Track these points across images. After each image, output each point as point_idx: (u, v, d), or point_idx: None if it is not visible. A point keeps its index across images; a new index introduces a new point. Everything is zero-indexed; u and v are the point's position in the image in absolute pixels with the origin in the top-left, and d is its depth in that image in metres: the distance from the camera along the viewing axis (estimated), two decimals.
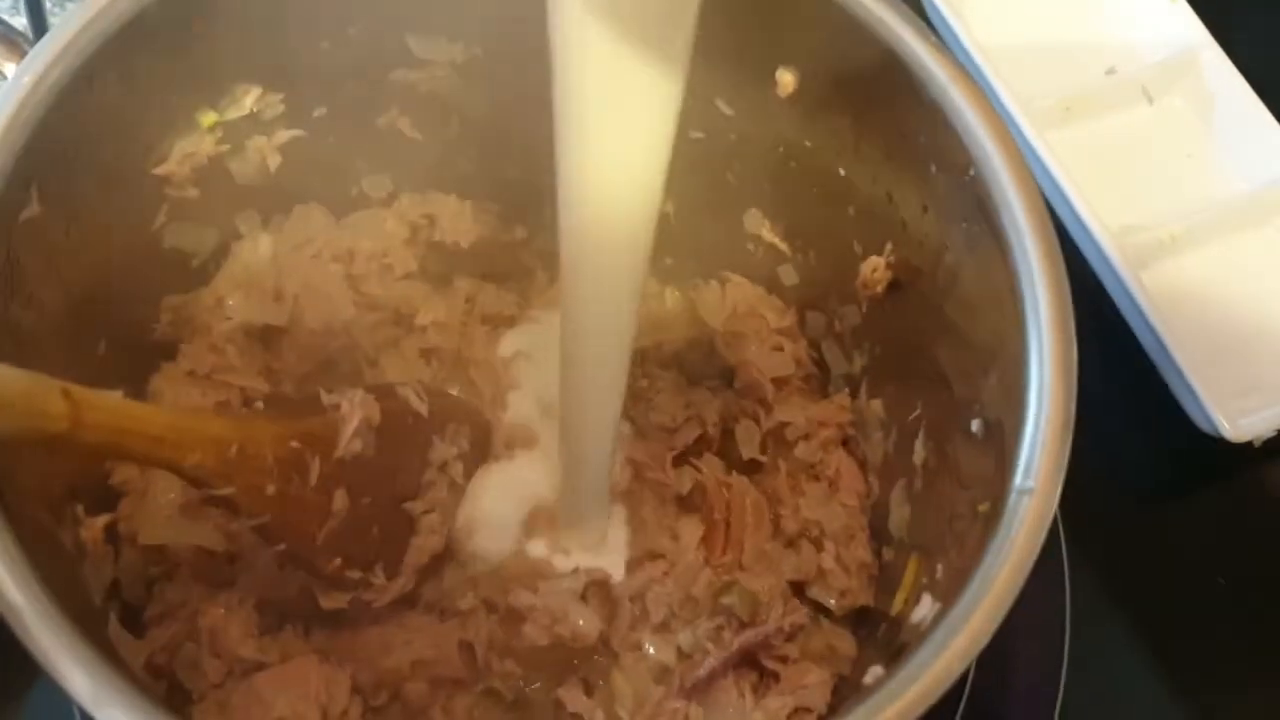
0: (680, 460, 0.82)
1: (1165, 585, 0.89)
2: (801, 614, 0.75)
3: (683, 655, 0.74)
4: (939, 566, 0.64)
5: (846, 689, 0.71)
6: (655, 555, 0.78)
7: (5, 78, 0.63)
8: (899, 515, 0.76)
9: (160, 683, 0.69)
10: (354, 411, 0.70)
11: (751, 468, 0.83)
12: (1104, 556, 0.88)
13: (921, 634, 0.57)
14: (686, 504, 0.81)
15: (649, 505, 0.80)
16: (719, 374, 0.86)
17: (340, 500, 0.69)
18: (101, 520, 0.68)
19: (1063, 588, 0.83)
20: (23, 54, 0.63)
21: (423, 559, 0.75)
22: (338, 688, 0.69)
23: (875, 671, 0.60)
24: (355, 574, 0.71)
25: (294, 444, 0.67)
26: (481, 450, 0.81)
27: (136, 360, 0.75)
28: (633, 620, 0.76)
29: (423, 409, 0.75)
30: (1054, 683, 0.81)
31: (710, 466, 0.81)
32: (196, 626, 0.70)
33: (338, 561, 0.70)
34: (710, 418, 0.84)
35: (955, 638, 0.54)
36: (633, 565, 0.78)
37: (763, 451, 0.83)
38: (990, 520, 0.58)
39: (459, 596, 0.76)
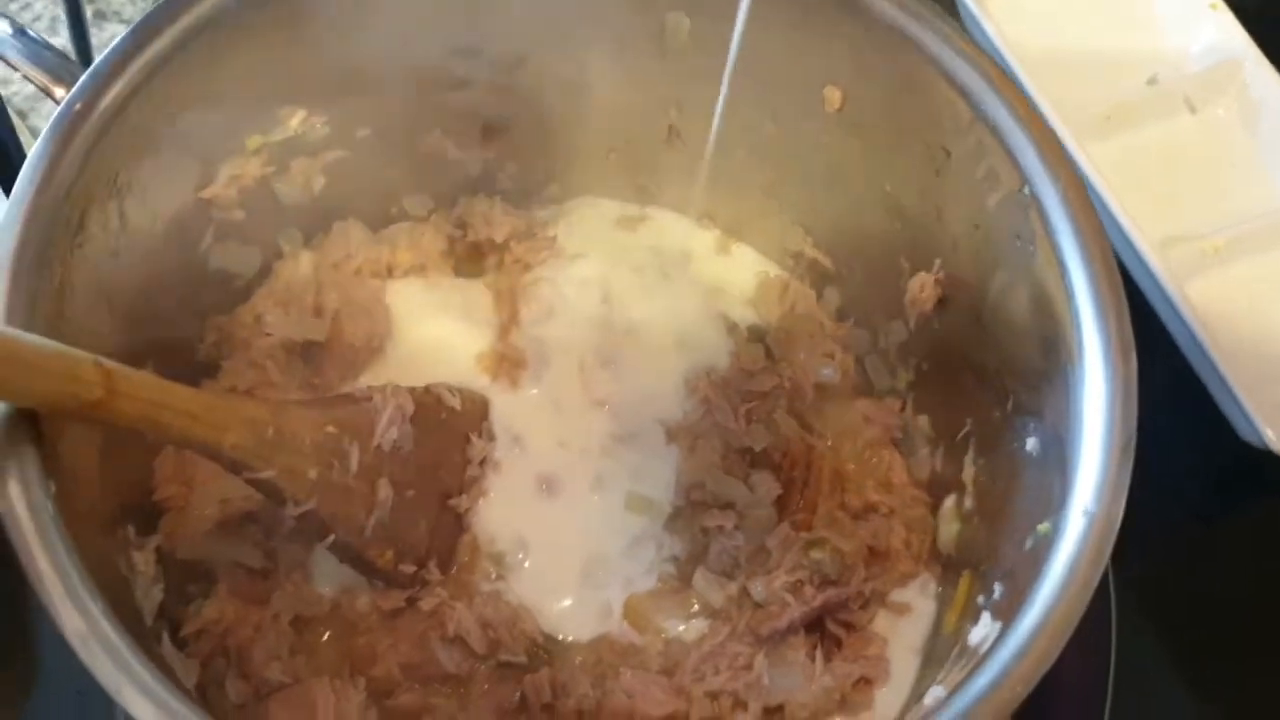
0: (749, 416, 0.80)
1: (1210, 599, 0.88)
2: (882, 581, 0.74)
3: (755, 604, 0.73)
4: (996, 586, 0.64)
5: None
6: (724, 504, 0.76)
7: (57, 103, 0.63)
8: (947, 532, 0.75)
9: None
10: (387, 400, 0.72)
11: None
12: (1149, 570, 0.87)
13: (982, 656, 0.57)
14: (756, 458, 0.79)
15: (713, 450, 0.78)
16: None
17: (384, 490, 0.70)
18: (154, 541, 0.69)
19: (1108, 603, 0.82)
20: (72, 80, 0.63)
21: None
22: (347, 704, 0.68)
23: (936, 693, 0.59)
24: (409, 568, 0.72)
25: (330, 429, 0.68)
26: None
27: (184, 380, 0.74)
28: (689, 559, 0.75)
29: (455, 404, 0.77)
30: (1100, 702, 0.80)
31: (788, 425, 0.79)
32: (227, 646, 0.70)
33: (389, 555, 0.71)
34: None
35: (1020, 662, 0.53)
36: (686, 510, 0.77)
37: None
38: (1051, 540, 0.58)
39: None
